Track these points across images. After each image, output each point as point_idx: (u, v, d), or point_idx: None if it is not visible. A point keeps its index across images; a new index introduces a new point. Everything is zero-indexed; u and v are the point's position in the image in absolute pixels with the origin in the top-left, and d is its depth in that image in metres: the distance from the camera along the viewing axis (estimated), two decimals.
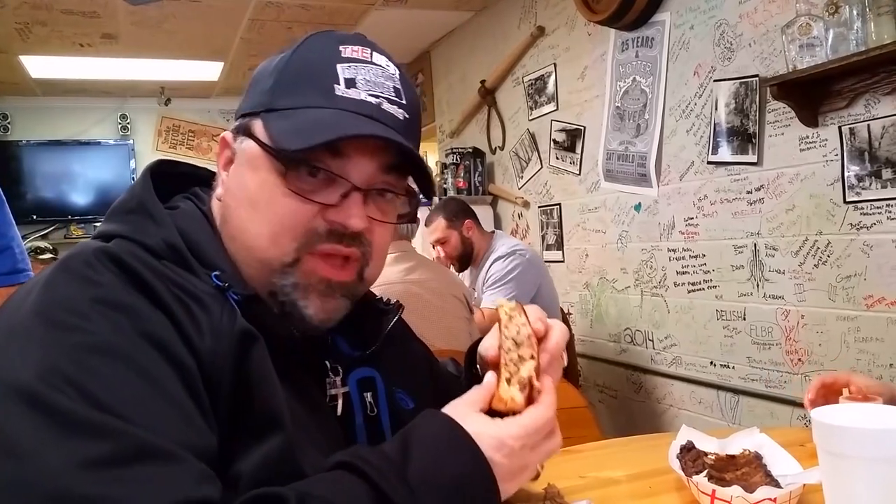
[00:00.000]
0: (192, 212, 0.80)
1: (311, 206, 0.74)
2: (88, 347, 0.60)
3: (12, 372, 0.58)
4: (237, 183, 0.78)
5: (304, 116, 0.74)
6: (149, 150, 6.20)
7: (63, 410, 0.56)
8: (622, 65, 3.16)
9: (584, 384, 3.54)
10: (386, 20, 4.37)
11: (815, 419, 0.77)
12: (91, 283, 0.65)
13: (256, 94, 0.79)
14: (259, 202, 0.75)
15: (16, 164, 5.75)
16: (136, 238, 0.72)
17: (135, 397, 0.60)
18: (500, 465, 0.67)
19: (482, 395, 0.72)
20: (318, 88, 0.75)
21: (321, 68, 0.76)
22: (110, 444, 0.56)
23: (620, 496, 1.03)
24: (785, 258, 2.41)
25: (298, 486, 0.61)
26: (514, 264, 3.06)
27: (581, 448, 1.29)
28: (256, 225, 0.75)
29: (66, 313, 0.62)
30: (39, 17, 3.97)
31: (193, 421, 0.63)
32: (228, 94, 6.10)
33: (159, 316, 0.65)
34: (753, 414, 2.59)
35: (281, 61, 0.78)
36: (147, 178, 0.79)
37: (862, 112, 2.12)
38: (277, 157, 0.74)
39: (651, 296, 3.10)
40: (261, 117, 0.77)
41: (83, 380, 0.58)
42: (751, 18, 2.48)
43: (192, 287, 0.70)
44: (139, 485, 0.55)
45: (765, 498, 0.87)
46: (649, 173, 3.00)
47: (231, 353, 0.68)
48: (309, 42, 0.79)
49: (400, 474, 0.63)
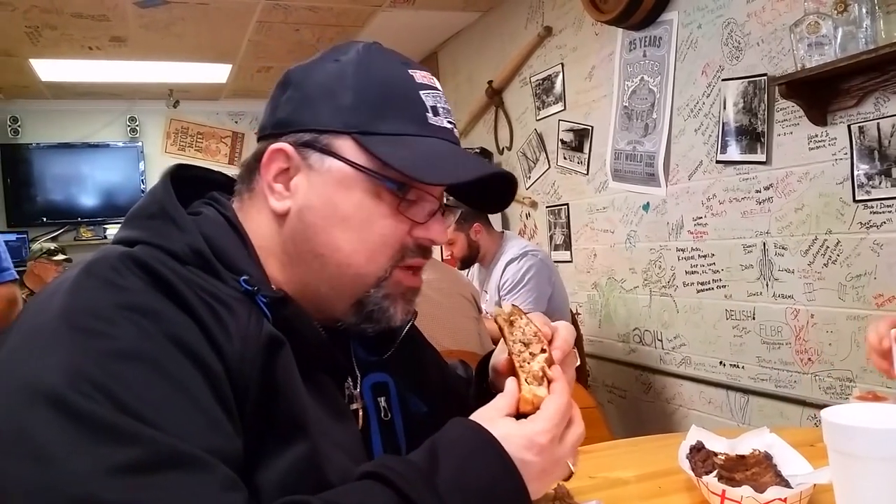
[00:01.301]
0: (216, 217, 0.79)
1: (405, 225, 0.78)
2: (115, 353, 0.60)
3: (39, 377, 0.58)
4: (322, 202, 0.77)
5: (419, 146, 0.77)
6: (157, 152, 6.23)
7: (91, 416, 0.56)
8: (630, 64, 3.16)
9: (593, 384, 3.53)
10: (393, 21, 4.38)
11: (826, 419, 0.77)
12: (117, 288, 0.65)
13: (330, 112, 0.77)
14: (354, 222, 0.77)
15: (26, 166, 5.78)
16: (160, 244, 0.71)
17: (162, 402, 0.59)
18: (532, 463, 0.68)
19: (507, 401, 0.73)
20: (412, 115, 0.78)
21: (406, 93, 0.79)
22: (139, 450, 0.55)
23: (630, 496, 1.03)
24: (794, 257, 2.40)
25: (326, 496, 0.62)
26: (528, 265, 3.06)
27: (590, 448, 1.29)
28: (352, 244, 0.77)
29: (93, 319, 0.62)
30: (49, 21, 3.99)
31: (220, 426, 0.62)
32: (237, 96, 6.12)
33: (186, 320, 0.65)
34: (763, 414, 2.58)
35: (351, 78, 0.77)
36: (167, 183, 0.78)
37: (871, 110, 2.11)
38: (383, 180, 0.76)
39: (660, 296, 3.09)
40: (353, 138, 0.76)
41: (110, 385, 0.58)
42: (759, 17, 2.47)
43: (218, 292, 0.70)
44: (168, 492, 0.55)
45: (775, 498, 0.87)
46: (658, 173, 2.99)
47: (258, 359, 0.68)
48: (370, 59, 0.80)
49: (428, 482, 0.63)
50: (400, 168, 0.74)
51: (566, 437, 0.72)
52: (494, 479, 0.66)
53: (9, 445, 0.55)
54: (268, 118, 0.82)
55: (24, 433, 0.56)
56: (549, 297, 2.98)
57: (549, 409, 0.71)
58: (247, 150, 6.50)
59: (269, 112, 0.82)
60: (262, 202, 0.80)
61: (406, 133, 0.77)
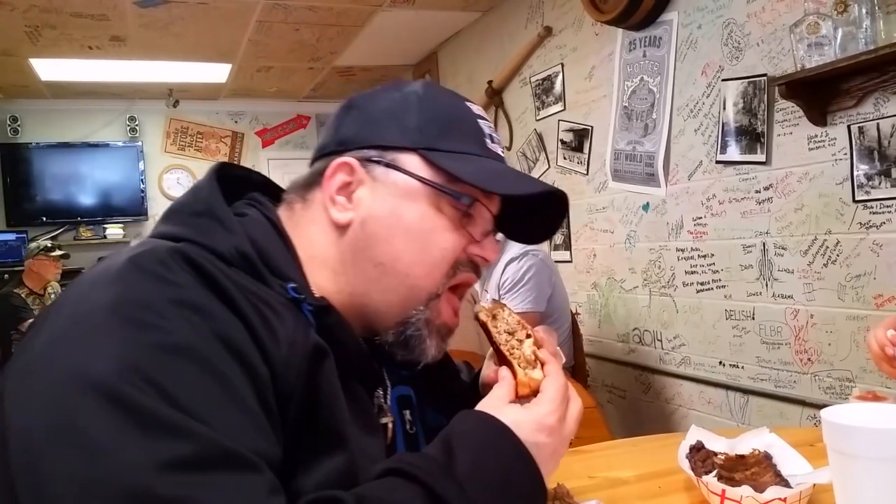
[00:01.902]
0: (261, 220, 0.79)
1: (464, 240, 0.81)
2: (167, 347, 0.59)
3: (88, 367, 0.57)
4: (386, 212, 0.79)
5: (482, 163, 0.81)
6: (157, 151, 6.24)
7: (143, 409, 0.55)
8: (630, 64, 3.16)
9: (592, 384, 3.53)
10: (393, 21, 4.38)
11: (826, 419, 0.77)
12: (168, 283, 0.63)
13: (395, 131, 0.80)
14: (417, 233, 0.79)
15: (25, 166, 5.79)
16: (206, 243, 0.70)
17: (212, 401, 0.59)
18: (545, 445, 0.71)
19: (505, 389, 0.75)
20: (473, 138, 0.82)
21: (467, 120, 0.83)
22: (191, 445, 0.55)
23: (629, 496, 1.03)
24: (794, 257, 2.40)
25: (355, 491, 0.62)
26: (528, 265, 3.05)
27: (590, 448, 1.29)
28: (413, 254, 0.79)
29: (145, 311, 0.61)
30: (49, 21, 3.99)
31: (265, 430, 0.62)
32: (236, 95, 6.13)
33: (235, 321, 0.64)
34: (763, 414, 2.58)
35: (415, 104, 0.81)
36: (214, 182, 0.78)
37: (871, 111, 2.11)
38: (449, 192, 0.79)
39: (659, 296, 3.09)
40: (419, 154, 0.79)
41: (162, 379, 0.57)
42: (759, 17, 2.48)
43: (266, 296, 0.69)
44: (218, 490, 0.54)
45: (775, 498, 0.87)
46: (657, 173, 2.99)
47: (303, 366, 0.68)
48: (431, 89, 0.85)
49: (449, 474, 0.64)
50: (469, 180, 0.78)
51: (569, 414, 0.75)
52: (510, 465, 0.68)
53: (56, 436, 0.55)
54: (330, 137, 0.84)
55: (74, 424, 0.55)
56: (550, 298, 2.98)
57: (549, 391, 0.74)
58: (246, 150, 6.51)
59: (331, 132, 0.85)
60: (319, 214, 0.81)
61: (467, 152, 0.81)
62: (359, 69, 5.53)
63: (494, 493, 0.65)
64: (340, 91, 6.21)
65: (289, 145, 6.69)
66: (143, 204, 6.09)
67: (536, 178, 0.85)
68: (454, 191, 0.79)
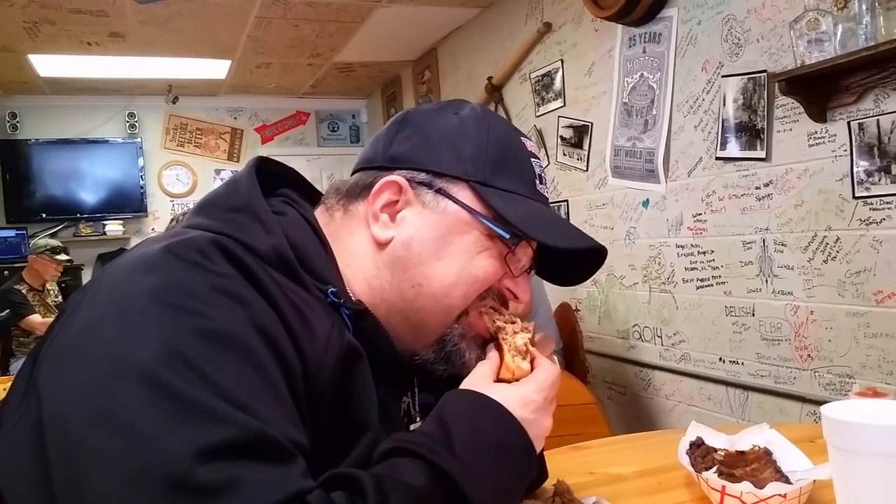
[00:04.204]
0: (299, 221, 0.79)
1: (501, 271, 0.81)
2: (208, 333, 0.60)
3: (129, 351, 0.57)
4: (434, 237, 0.79)
5: (530, 207, 0.81)
6: (157, 148, 6.23)
7: (184, 394, 0.55)
8: (629, 60, 3.15)
9: (592, 381, 3.54)
10: (392, 17, 4.37)
11: (826, 415, 0.77)
12: (208, 272, 0.64)
13: (450, 158, 0.80)
14: (461, 259, 0.79)
15: (25, 162, 5.78)
16: (244, 240, 0.70)
17: (252, 389, 0.59)
18: (530, 420, 0.72)
19: (491, 367, 0.77)
20: (524, 179, 0.83)
21: (521, 159, 0.84)
22: (230, 431, 0.55)
23: (629, 492, 1.03)
24: (794, 254, 2.40)
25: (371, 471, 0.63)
26: None
27: (590, 444, 1.29)
28: (453, 276, 0.79)
29: (186, 297, 0.61)
30: (48, 16, 3.98)
31: (295, 420, 0.63)
32: (236, 91, 6.12)
33: (272, 314, 0.65)
34: (763, 410, 2.58)
35: (473, 132, 0.82)
36: (254, 176, 0.78)
37: (871, 107, 2.11)
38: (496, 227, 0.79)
39: (659, 292, 3.09)
40: (471, 186, 0.80)
41: (203, 365, 0.57)
42: (759, 14, 2.47)
43: (304, 295, 0.70)
44: (257, 476, 0.54)
45: (775, 494, 0.87)
46: (657, 169, 2.99)
47: (337, 366, 0.69)
48: (489, 118, 0.85)
49: (448, 448, 0.65)
50: (515, 223, 0.78)
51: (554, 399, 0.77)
52: (503, 436, 0.69)
53: (96, 420, 0.55)
54: (380, 151, 0.83)
55: (114, 408, 0.55)
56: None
57: (541, 375, 0.76)
58: (246, 147, 6.50)
59: (381, 145, 0.84)
60: (360, 226, 0.81)
61: (517, 192, 0.81)
62: (358, 65, 5.52)
63: (492, 462, 0.67)
64: (340, 87, 6.20)
65: (288, 141, 6.68)
66: (142, 200, 6.08)
67: (580, 230, 0.86)
68: (503, 227, 0.79)
